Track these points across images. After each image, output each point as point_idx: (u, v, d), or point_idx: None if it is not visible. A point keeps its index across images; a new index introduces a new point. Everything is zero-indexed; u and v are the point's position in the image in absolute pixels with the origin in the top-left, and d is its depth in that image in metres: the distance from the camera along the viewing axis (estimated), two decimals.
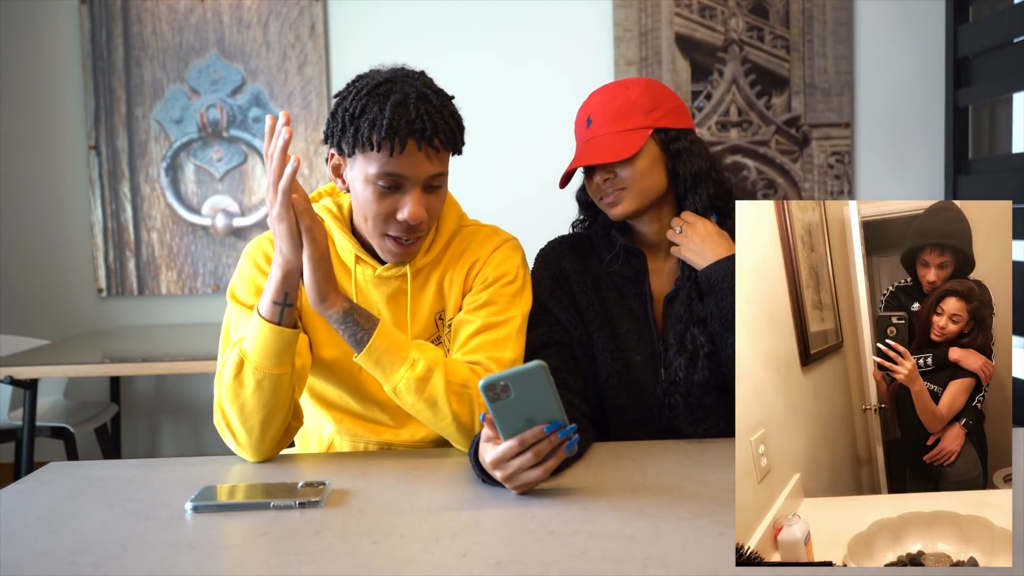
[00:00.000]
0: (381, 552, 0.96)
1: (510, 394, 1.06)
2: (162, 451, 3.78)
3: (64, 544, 1.00)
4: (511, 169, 3.58)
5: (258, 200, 3.67)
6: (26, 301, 3.67)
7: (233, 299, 1.38)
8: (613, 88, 1.46)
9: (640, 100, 1.43)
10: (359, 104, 1.28)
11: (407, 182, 1.29)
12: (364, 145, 1.28)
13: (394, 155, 1.26)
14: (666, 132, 1.43)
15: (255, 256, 1.40)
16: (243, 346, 1.27)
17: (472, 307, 1.40)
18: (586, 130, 1.45)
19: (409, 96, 1.27)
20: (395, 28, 3.60)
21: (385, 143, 1.26)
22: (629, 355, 1.46)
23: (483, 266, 1.43)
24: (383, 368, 1.28)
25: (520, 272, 1.44)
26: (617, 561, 0.91)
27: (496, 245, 1.45)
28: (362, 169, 1.30)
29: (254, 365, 1.26)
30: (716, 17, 3.59)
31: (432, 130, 1.27)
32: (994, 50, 3.22)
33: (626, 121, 1.42)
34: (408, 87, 1.29)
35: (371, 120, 1.26)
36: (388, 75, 1.32)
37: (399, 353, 1.28)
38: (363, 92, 1.29)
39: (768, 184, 3.62)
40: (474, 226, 1.49)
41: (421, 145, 1.27)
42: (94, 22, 3.60)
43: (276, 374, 1.26)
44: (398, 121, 1.25)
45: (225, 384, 1.28)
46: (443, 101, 1.32)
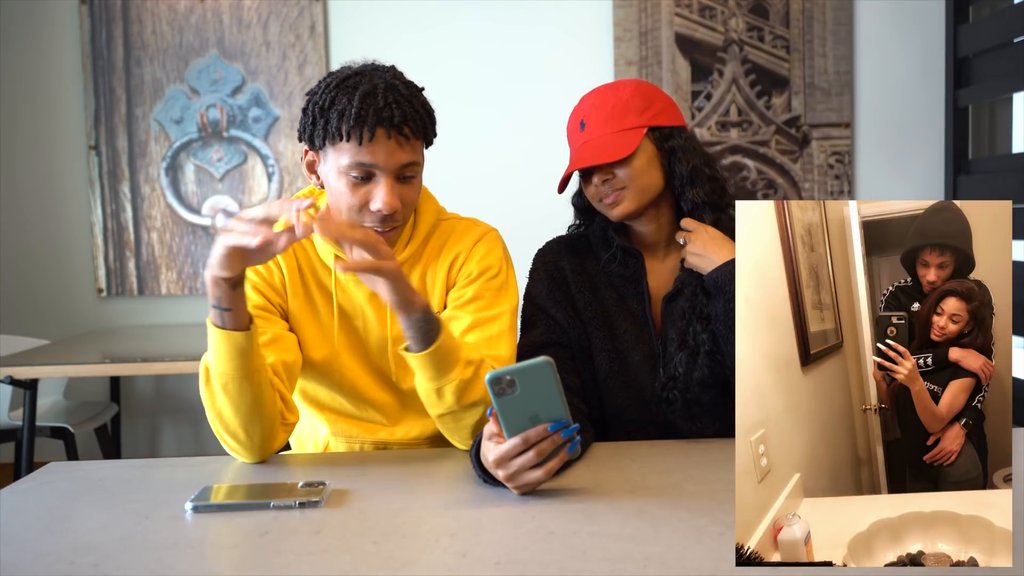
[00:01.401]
0: (381, 552, 0.96)
1: (516, 389, 1.06)
2: (162, 451, 3.78)
3: (64, 544, 1.00)
4: (511, 168, 3.58)
5: (258, 200, 3.68)
6: (26, 301, 3.67)
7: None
8: (604, 90, 1.46)
9: (632, 100, 1.43)
10: (328, 97, 1.28)
11: (379, 171, 1.29)
12: (334, 136, 1.28)
13: (363, 144, 1.26)
14: (660, 130, 1.44)
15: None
16: (206, 355, 1.27)
17: (459, 303, 1.39)
18: (580, 133, 1.45)
19: (377, 87, 1.27)
20: (395, 28, 3.60)
21: (355, 132, 1.26)
22: (627, 355, 1.46)
23: (466, 260, 1.42)
24: (438, 368, 1.25)
25: (503, 265, 1.44)
26: (617, 561, 0.91)
27: (477, 237, 1.44)
28: (334, 161, 1.30)
29: (215, 372, 1.24)
30: (716, 17, 3.59)
31: (401, 117, 1.27)
32: (994, 50, 3.22)
33: (620, 121, 1.42)
34: (377, 79, 1.29)
35: (340, 111, 1.26)
36: (358, 69, 1.32)
37: (455, 354, 1.26)
38: (332, 85, 1.29)
39: (768, 184, 3.62)
40: (453, 219, 1.49)
41: (391, 133, 1.27)
42: (94, 22, 3.60)
43: (239, 377, 1.24)
44: (366, 110, 1.25)
45: (201, 394, 1.28)
46: (412, 91, 1.32)
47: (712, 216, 1.44)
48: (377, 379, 1.44)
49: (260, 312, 1.36)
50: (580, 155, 1.43)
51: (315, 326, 1.41)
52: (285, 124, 3.64)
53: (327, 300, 1.42)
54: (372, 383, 1.43)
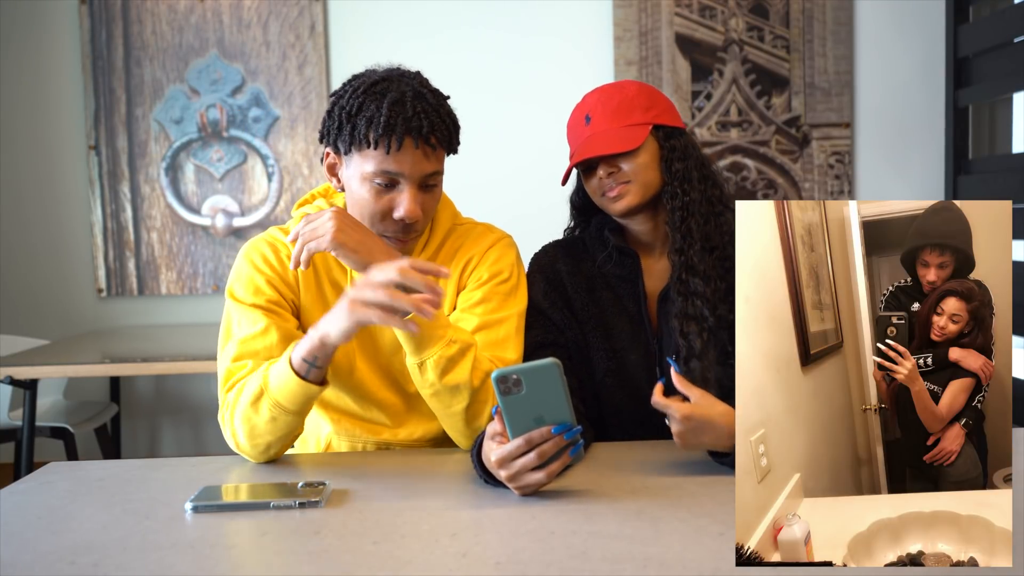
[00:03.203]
0: (381, 552, 0.96)
1: (521, 389, 1.07)
2: (162, 451, 3.78)
3: (64, 544, 1.00)
4: (510, 169, 3.58)
5: (258, 200, 3.68)
6: (26, 301, 3.67)
7: (232, 298, 1.38)
8: (609, 88, 1.47)
9: (637, 98, 1.44)
10: (356, 102, 1.29)
11: (403, 180, 1.30)
12: (361, 143, 1.28)
13: (391, 152, 1.27)
14: (663, 129, 1.44)
15: (252, 257, 1.40)
16: (268, 378, 1.26)
17: (467, 305, 1.40)
18: (585, 128, 1.45)
19: (406, 94, 1.28)
20: (395, 28, 3.60)
21: (382, 140, 1.27)
22: (624, 355, 1.46)
23: (478, 264, 1.43)
24: (419, 339, 1.26)
25: (515, 270, 1.45)
26: (617, 561, 0.91)
27: (491, 243, 1.45)
28: (358, 167, 1.31)
29: (272, 402, 1.25)
30: (716, 17, 3.58)
31: (429, 128, 1.28)
32: (994, 50, 3.22)
33: (626, 117, 1.43)
34: (405, 85, 1.30)
35: (368, 118, 1.27)
36: (384, 74, 1.33)
37: (439, 331, 1.27)
38: (359, 90, 1.30)
39: (768, 184, 3.62)
40: (468, 224, 1.50)
41: (418, 143, 1.28)
42: (94, 22, 3.60)
43: (293, 414, 1.26)
44: (395, 118, 1.26)
45: (242, 405, 1.27)
46: (439, 100, 1.33)
47: (702, 219, 1.43)
48: (384, 380, 1.44)
49: (273, 307, 1.37)
50: (587, 146, 1.43)
51: None
52: (285, 124, 3.64)
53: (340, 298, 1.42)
54: (380, 384, 1.44)
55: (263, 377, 1.26)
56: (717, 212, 1.45)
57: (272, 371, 1.26)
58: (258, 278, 1.38)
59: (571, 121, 1.50)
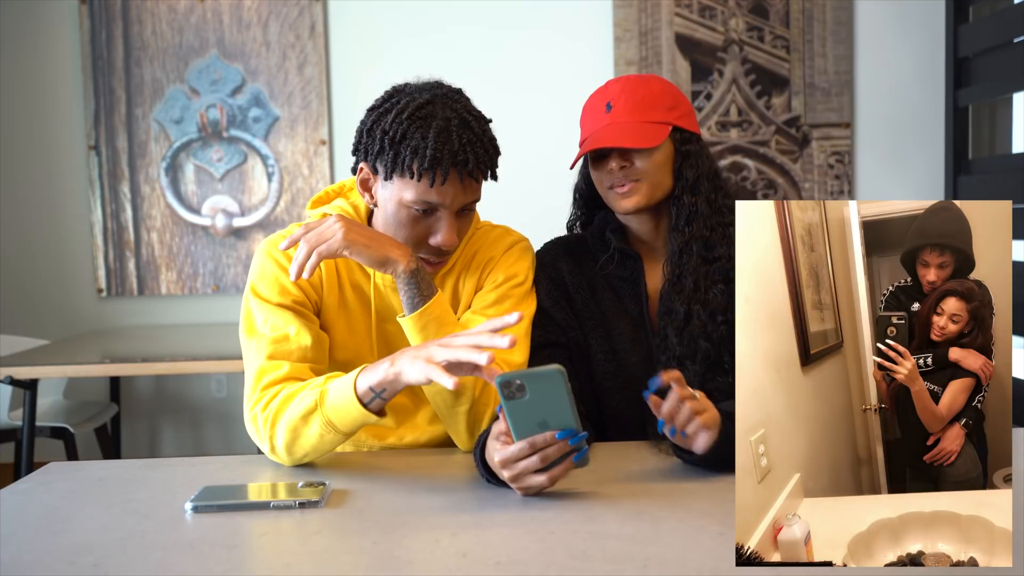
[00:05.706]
0: (381, 552, 0.96)
1: (525, 394, 1.06)
2: (162, 451, 3.78)
3: (64, 544, 1.00)
4: (510, 168, 3.57)
5: (258, 200, 3.68)
6: (26, 301, 3.67)
7: (256, 296, 1.36)
8: (634, 79, 1.45)
9: (662, 96, 1.43)
10: (400, 128, 1.26)
11: (442, 208, 1.30)
12: (404, 172, 1.27)
13: (434, 185, 1.26)
14: (682, 132, 1.43)
15: (273, 253, 1.37)
16: (325, 396, 1.22)
17: (481, 305, 1.40)
18: (605, 115, 1.43)
19: (451, 122, 1.26)
20: (395, 28, 3.60)
21: (427, 174, 1.26)
22: (624, 356, 1.46)
23: (495, 266, 1.43)
24: (426, 335, 1.27)
25: (530, 275, 1.46)
26: (617, 561, 0.91)
27: (508, 245, 1.46)
28: (397, 192, 1.30)
29: (325, 421, 1.22)
30: (716, 17, 3.59)
31: (475, 162, 1.27)
32: (994, 50, 3.22)
33: (649, 113, 1.41)
34: (450, 111, 1.28)
35: (413, 148, 1.25)
36: (429, 96, 1.30)
37: (446, 328, 1.28)
38: (404, 114, 1.27)
39: (768, 184, 3.62)
40: (486, 227, 1.50)
41: (462, 176, 1.28)
42: (94, 22, 3.60)
43: (342, 435, 1.24)
44: (441, 151, 1.25)
45: (290, 415, 1.24)
46: (483, 127, 1.32)
47: (707, 230, 1.42)
48: None
49: (297, 307, 1.35)
50: (605, 135, 1.41)
51: (345, 327, 1.41)
52: (285, 124, 3.64)
53: (361, 302, 1.42)
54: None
55: (320, 393, 1.23)
56: (727, 223, 1.43)
57: (331, 390, 1.22)
58: (284, 277, 1.35)
59: (589, 105, 1.47)
